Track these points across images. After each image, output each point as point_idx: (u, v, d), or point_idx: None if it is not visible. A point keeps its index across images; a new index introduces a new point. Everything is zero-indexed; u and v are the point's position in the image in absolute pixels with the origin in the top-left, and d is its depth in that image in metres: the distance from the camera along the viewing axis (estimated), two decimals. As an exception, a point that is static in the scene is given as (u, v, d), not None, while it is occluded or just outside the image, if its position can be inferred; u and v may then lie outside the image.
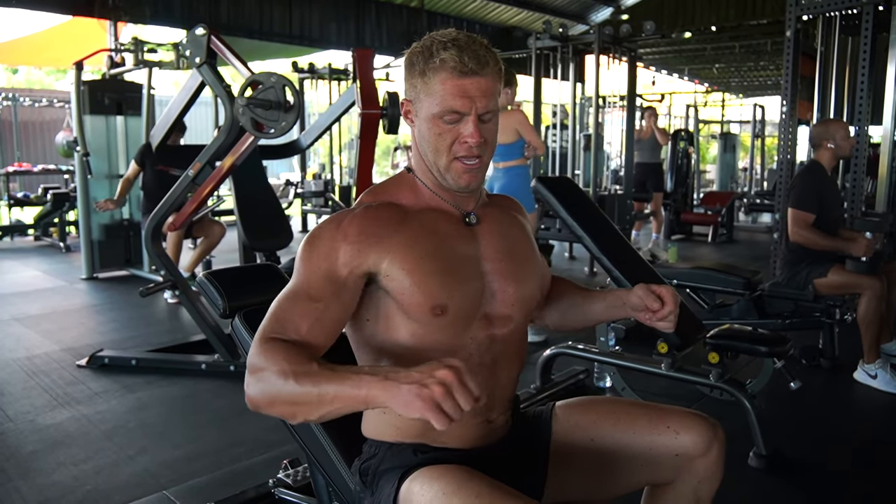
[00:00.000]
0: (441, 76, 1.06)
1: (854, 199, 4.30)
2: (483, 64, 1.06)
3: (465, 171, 1.10)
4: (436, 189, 1.16)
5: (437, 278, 1.07)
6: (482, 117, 1.08)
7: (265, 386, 0.98)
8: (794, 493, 2.13)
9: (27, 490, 2.12)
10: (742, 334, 2.44)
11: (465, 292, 1.10)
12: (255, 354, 1.00)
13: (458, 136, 1.08)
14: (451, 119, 1.08)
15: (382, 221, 1.10)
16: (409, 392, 0.86)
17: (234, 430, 2.59)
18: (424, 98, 1.09)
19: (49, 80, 19.06)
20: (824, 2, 4.34)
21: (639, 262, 2.63)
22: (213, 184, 3.06)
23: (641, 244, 6.85)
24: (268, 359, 0.98)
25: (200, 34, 2.83)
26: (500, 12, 9.95)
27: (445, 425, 0.85)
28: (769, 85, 14.46)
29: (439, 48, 1.06)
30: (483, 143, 1.09)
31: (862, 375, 3.01)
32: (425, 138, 1.11)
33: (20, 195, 8.32)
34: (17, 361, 3.37)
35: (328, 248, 1.08)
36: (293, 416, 0.97)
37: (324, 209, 7.99)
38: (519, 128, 3.82)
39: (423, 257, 1.08)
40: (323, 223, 1.12)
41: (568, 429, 1.23)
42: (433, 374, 0.87)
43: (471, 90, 1.06)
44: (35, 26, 8.42)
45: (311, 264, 1.07)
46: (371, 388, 0.89)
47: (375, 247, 1.07)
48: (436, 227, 1.13)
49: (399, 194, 1.16)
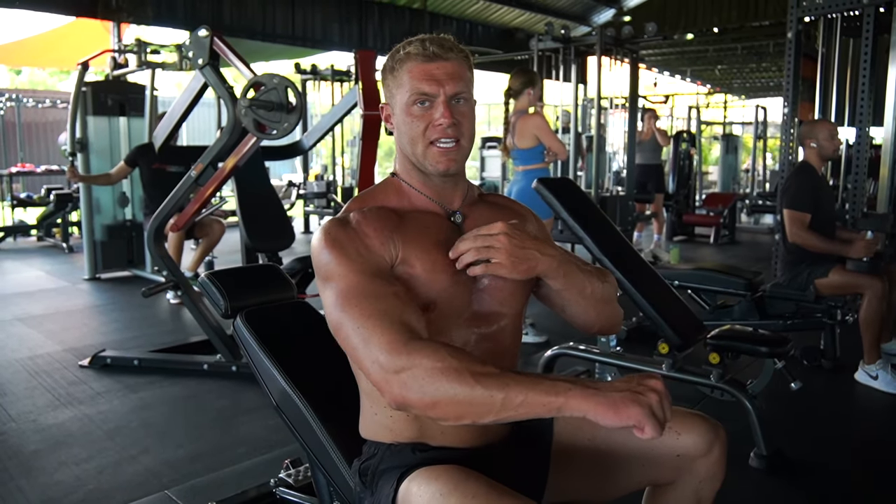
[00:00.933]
0: (408, 66, 1.11)
1: (855, 200, 4.29)
2: (447, 49, 1.10)
3: (442, 154, 1.11)
4: (421, 188, 1.17)
5: (427, 276, 1.09)
6: (453, 99, 1.10)
7: (430, 387, 0.92)
8: (795, 493, 2.13)
9: (29, 489, 2.13)
10: (743, 335, 2.44)
11: (453, 290, 1.11)
12: (400, 356, 0.95)
13: (430, 121, 1.11)
14: (421, 106, 1.10)
15: (384, 221, 1.11)
16: (623, 400, 0.88)
17: (235, 430, 2.59)
18: (396, 92, 1.13)
19: (52, 81, 19.12)
20: (826, 4, 4.34)
21: (640, 264, 2.63)
22: (216, 185, 3.07)
23: (643, 245, 6.85)
24: (429, 357, 0.93)
25: (203, 36, 2.84)
26: (503, 14, 9.95)
27: (658, 433, 0.88)
28: (771, 86, 14.45)
29: (406, 45, 1.13)
30: (456, 124, 1.10)
31: (863, 376, 3.01)
32: (402, 131, 1.14)
33: (23, 196, 8.34)
34: (19, 361, 3.38)
35: (357, 244, 1.07)
36: (459, 418, 0.93)
37: (326, 210, 8.00)
38: (538, 132, 3.66)
39: (419, 256, 1.10)
40: (325, 231, 1.09)
41: (569, 429, 1.23)
42: (645, 384, 0.91)
43: (437, 74, 1.09)
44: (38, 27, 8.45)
45: (353, 262, 1.05)
46: (570, 398, 0.89)
47: (391, 241, 1.09)
48: (425, 226, 1.14)
49: (386, 199, 1.17)
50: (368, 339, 0.98)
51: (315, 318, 1.58)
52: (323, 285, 1.07)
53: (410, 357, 0.94)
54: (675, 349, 2.46)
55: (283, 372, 1.35)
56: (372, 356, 0.97)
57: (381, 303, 1.01)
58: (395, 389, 0.95)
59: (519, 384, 0.91)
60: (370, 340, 0.98)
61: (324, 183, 7.96)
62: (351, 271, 1.04)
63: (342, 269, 1.05)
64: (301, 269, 3.58)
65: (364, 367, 0.99)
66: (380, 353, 0.96)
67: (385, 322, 0.98)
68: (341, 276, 1.04)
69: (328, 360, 1.35)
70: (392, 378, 0.95)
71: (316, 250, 1.09)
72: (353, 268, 1.04)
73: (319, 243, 1.08)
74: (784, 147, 4.69)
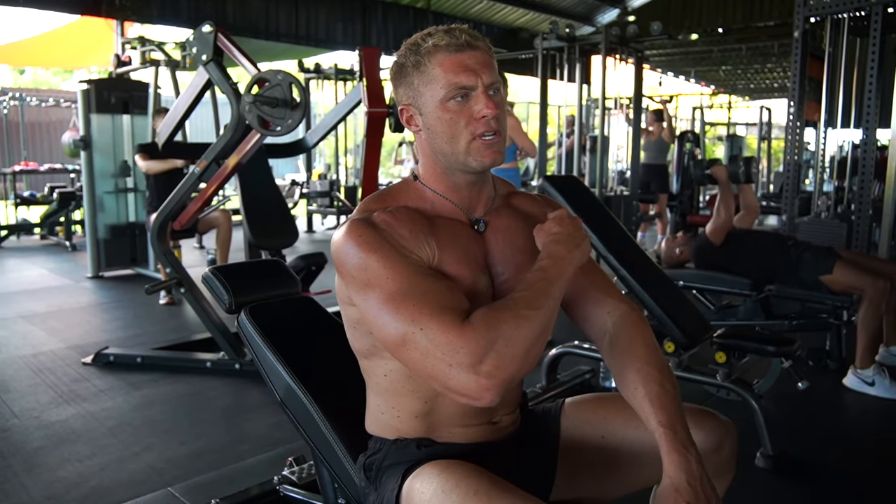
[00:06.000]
0: (437, 58, 1.03)
1: (862, 202, 4.27)
2: (475, 38, 1.05)
3: (487, 146, 1.05)
4: (448, 193, 1.11)
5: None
6: (490, 89, 1.04)
7: (518, 348, 0.92)
8: (802, 493, 2.12)
9: (32, 485, 2.12)
10: (749, 334, 2.43)
11: (472, 301, 1.07)
12: (474, 332, 0.92)
13: (471, 115, 1.04)
14: (459, 100, 1.03)
15: (416, 223, 1.05)
16: None
17: (238, 427, 2.58)
18: (425, 89, 1.05)
19: (56, 81, 19.15)
20: (833, 3, 4.31)
21: (646, 263, 2.61)
22: (219, 182, 3.06)
23: (647, 246, 6.83)
24: (492, 327, 0.92)
25: (207, 31, 2.83)
26: (507, 13, 9.95)
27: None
28: (775, 88, 14.43)
29: (426, 38, 1.05)
30: (497, 116, 1.05)
31: (854, 382, 2.89)
32: (437, 131, 1.06)
33: (27, 194, 8.35)
34: (23, 358, 3.38)
35: (393, 242, 1.00)
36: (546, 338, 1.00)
37: (329, 209, 8.00)
38: (510, 132, 3.82)
39: (451, 264, 1.05)
40: (354, 234, 1.00)
41: (577, 425, 1.22)
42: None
43: (471, 63, 1.03)
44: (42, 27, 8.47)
45: (396, 261, 0.98)
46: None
47: (426, 244, 1.04)
48: (455, 233, 1.09)
49: (407, 200, 1.11)
50: (431, 336, 0.92)
51: (320, 314, 1.57)
52: (364, 294, 0.99)
53: (479, 329, 0.92)
54: (681, 348, 2.44)
55: (288, 367, 1.34)
56: (448, 359, 0.91)
57: (441, 298, 0.96)
58: (487, 372, 0.91)
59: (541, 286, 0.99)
60: (434, 336, 0.92)
61: (327, 182, 7.97)
62: (397, 272, 0.97)
63: (386, 270, 0.97)
64: (305, 266, 3.58)
65: (438, 373, 0.93)
66: (453, 343, 0.91)
67: (445, 312, 0.94)
68: (387, 277, 0.97)
69: (333, 355, 1.34)
70: (480, 366, 0.91)
71: (346, 256, 1.00)
72: (398, 268, 0.97)
73: (351, 248, 0.99)
74: (789, 148, 4.67)
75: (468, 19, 9.78)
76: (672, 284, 2.60)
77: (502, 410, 1.17)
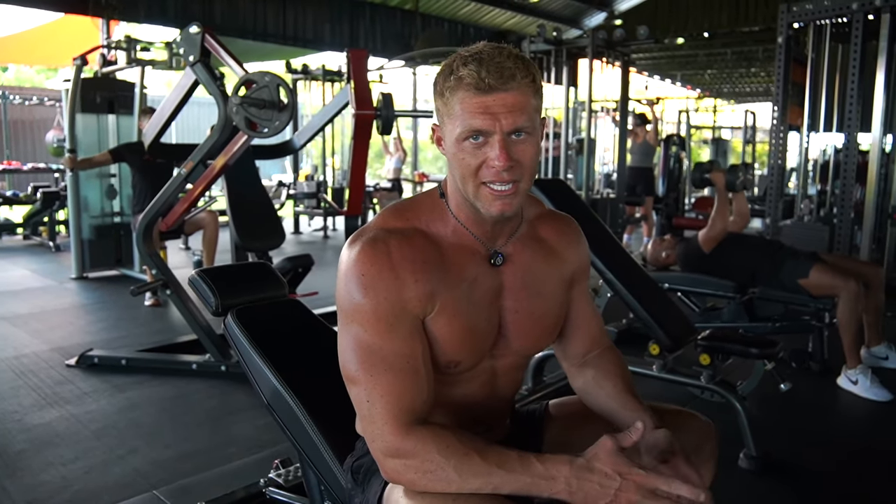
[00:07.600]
0: (459, 95, 0.96)
1: (843, 206, 4.33)
2: (507, 78, 0.94)
3: (496, 198, 0.98)
4: (466, 222, 1.06)
5: (459, 335, 1.04)
6: (512, 134, 0.96)
7: (420, 482, 0.94)
8: (784, 493, 2.14)
9: (15, 490, 2.10)
10: (733, 336, 2.46)
11: (480, 349, 1.09)
12: (403, 441, 0.95)
13: (484, 160, 0.96)
14: (474, 141, 0.96)
15: (423, 259, 1.02)
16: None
17: (224, 429, 2.57)
18: (447, 121, 0.99)
19: (39, 79, 18.94)
20: (815, 10, 4.38)
21: (632, 266, 2.64)
22: (206, 183, 3.05)
23: (633, 248, 6.88)
24: (422, 456, 0.94)
25: (195, 32, 2.82)
26: (494, 16, 9.97)
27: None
28: (760, 92, 14.59)
29: (459, 64, 0.95)
30: (514, 166, 0.96)
31: (844, 381, 2.98)
32: (452, 164, 1.01)
33: (10, 194, 8.24)
34: (5, 361, 3.34)
35: (388, 284, 0.98)
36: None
37: (316, 210, 7.97)
38: None
39: (457, 311, 1.03)
40: (359, 258, 0.99)
41: (561, 427, 1.23)
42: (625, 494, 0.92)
43: (493, 107, 0.94)
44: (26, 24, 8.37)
45: (379, 309, 0.98)
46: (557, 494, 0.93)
47: (428, 285, 1.01)
48: (464, 268, 1.05)
49: (429, 221, 1.07)
50: (373, 412, 0.97)
51: (307, 317, 1.57)
52: (345, 323, 1.00)
53: (409, 445, 0.95)
54: (665, 350, 2.47)
55: (274, 370, 1.34)
56: (375, 429, 0.97)
57: (395, 376, 0.97)
58: (388, 470, 0.97)
59: (506, 477, 0.92)
60: (374, 414, 0.97)
61: (314, 183, 7.94)
62: (375, 322, 0.98)
63: (367, 316, 0.98)
64: (292, 268, 3.57)
65: (365, 432, 1.01)
66: (383, 429, 0.96)
67: (392, 400, 0.97)
68: (365, 324, 0.98)
69: (319, 358, 1.35)
70: (387, 461, 0.97)
71: (347, 283, 0.99)
72: (378, 317, 0.98)
73: (352, 279, 0.99)
74: (773, 151, 4.72)
75: (456, 21, 9.80)
76: (657, 287, 2.63)
77: (496, 419, 1.19)
